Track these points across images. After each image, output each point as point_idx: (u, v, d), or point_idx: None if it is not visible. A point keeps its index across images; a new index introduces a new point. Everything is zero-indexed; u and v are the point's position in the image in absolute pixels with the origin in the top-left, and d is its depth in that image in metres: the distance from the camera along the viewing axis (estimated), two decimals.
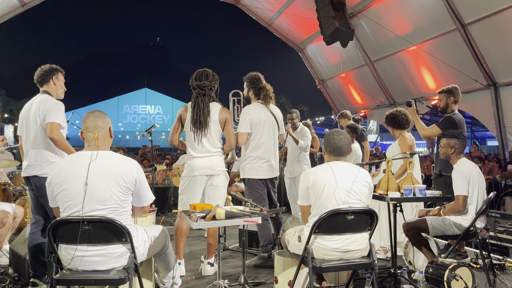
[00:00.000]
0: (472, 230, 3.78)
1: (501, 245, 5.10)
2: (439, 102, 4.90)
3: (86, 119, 2.86)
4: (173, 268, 3.29)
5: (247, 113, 4.50)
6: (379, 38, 12.85)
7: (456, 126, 4.58)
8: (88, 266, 2.66)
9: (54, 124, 3.54)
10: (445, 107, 4.83)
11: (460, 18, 9.98)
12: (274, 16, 15.46)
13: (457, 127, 4.57)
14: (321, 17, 10.94)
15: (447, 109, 4.82)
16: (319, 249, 3.00)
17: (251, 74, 4.66)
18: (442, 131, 4.67)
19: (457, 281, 3.39)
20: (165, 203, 8.31)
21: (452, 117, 4.70)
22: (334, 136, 3.18)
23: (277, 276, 3.64)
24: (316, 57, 16.67)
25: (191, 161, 4.07)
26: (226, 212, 3.05)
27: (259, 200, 4.48)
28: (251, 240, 5.12)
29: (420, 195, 3.66)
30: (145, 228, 3.04)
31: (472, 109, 11.21)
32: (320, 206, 3.02)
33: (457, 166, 3.98)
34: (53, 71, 3.84)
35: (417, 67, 12.39)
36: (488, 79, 10.23)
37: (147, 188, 2.87)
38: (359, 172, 3.12)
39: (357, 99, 16.43)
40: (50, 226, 2.62)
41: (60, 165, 2.76)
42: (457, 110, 4.85)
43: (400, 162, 4.77)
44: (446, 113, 4.83)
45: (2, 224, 4.31)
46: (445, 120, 4.75)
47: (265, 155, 4.54)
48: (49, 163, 3.62)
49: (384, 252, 4.81)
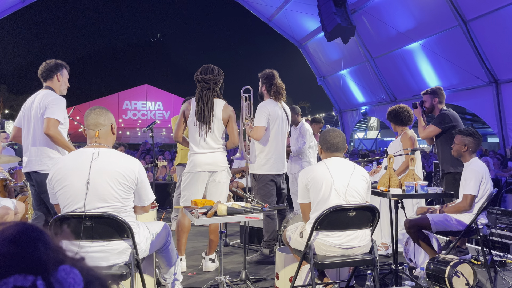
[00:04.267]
0: (474, 226, 3.78)
1: (502, 241, 5.10)
2: (425, 103, 4.97)
3: (88, 116, 2.85)
4: (175, 264, 3.29)
5: (265, 108, 4.50)
6: (380, 34, 12.83)
7: (451, 120, 4.64)
8: (90, 262, 2.65)
9: (51, 120, 3.52)
10: (431, 108, 4.93)
11: (461, 14, 9.96)
12: (275, 11, 15.42)
13: (452, 121, 4.66)
14: (322, 13, 10.92)
15: (433, 110, 4.92)
16: (320, 246, 3.00)
17: (266, 71, 4.71)
18: (438, 128, 4.73)
19: (458, 277, 3.39)
20: (166, 199, 8.32)
21: (445, 113, 4.76)
22: (329, 133, 3.23)
23: (279, 272, 3.65)
24: (317, 53, 16.64)
25: (193, 157, 4.06)
26: (227, 208, 3.05)
27: (268, 196, 4.48)
28: (253, 236, 5.13)
29: (422, 192, 3.65)
30: (146, 224, 3.04)
31: (473, 106, 11.21)
32: (320, 202, 3.03)
33: (470, 165, 3.95)
34: (58, 66, 3.83)
35: (418, 63, 12.38)
36: (490, 76, 10.21)
37: (148, 188, 2.86)
38: (355, 167, 3.15)
39: (358, 96, 16.42)
40: (51, 222, 2.62)
41: (61, 162, 2.76)
42: (445, 107, 4.94)
43: (401, 159, 4.77)
44: (434, 113, 4.92)
45: (4, 220, 4.31)
46: (438, 116, 4.82)
47: (277, 151, 4.56)
48: (49, 159, 3.62)
49: (385, 249, 4.82)
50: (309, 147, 5.94)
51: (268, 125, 4.51)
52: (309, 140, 5.93)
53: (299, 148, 5.89)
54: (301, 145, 5.89)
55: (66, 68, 3.89)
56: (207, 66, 4.13)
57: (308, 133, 5.94)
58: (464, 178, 3.94)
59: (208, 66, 4.13)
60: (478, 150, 4.24)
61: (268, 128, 4.52)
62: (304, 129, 6.00)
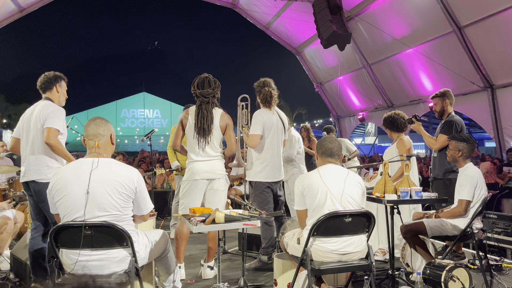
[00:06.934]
0: (469, 231, 3.82)
1: (499, 246, 5.14)
2: (435, 107, 4.98)
3: (88, 127, 2.89)
4: (174, 272, 3.33)
5: (261, 116, 4.56)
6: (376, 41, 12.92)
7: (458, 128, 4.66)
8: (90, 270, 2.69)
9: (51, 130, 3.57)
10: (442, 110, 4.91)
11: (456, 20, 10.04)
12: (271, 19, 15.51)
13: (459, 128, 4.66)
14: (318, 20, 11.01)
15: (444, 112, 4.90)
16: (317, 252, 3.04)
17: (260, 79, 4.78)
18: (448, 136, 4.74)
19: (454, 282, 3.43)
20: (164, 207, 8.34)
21: (452, 120, 4.77)
22: (325, 139, 3.33)
23: (277, 278, 3.68)
24: (313, 60, 16.73)
25: (192, 165, 4.10)
26: (225, 215, 3.09)
27: (264, 203, 4.52)
28: (251, 243, 5.15)
29: (416, 197, 3.70)
30: (145, 233, 3.07)
31: (469, 111, 11.26)
32: (316, 208, 3.08)
33: (465, 170, 4.00)
34: (57, 78, 3.90)
35: (414, 69, 12.45)
36: (485, 81, 10.29)
37: (146, 197, 2.90)
38: (348, 173, 3.20)
39: (355, 102, 16.49)
40: (52, 231, 2.65)
41: (61, 172, 2.80)
42: (453, 112, 4.93)
43: (398, 165, 4.81)
44: (444, 116, 4.90)
45: (3, 230, 4.34)
46: (445, 124, 4.81)
47: (273, 159, 4.60)
48: (48, 168, 3.65)
49: (382, 254, 4.85)
50: (297, 153, 5.93)
51: (264, 133, 4.55)
52: (296, 147, 5.91)
53: (289, 155, 5.87)
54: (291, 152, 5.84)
55: (64, 80, 3.97)
56: (203, 78, 4.15)
57: (294, 139, 5.92)
58: (459, 184, 3.99)
59: (205, 78, 4.15)
60: (475, 155, 4.29)
61: (264, 136, 4.56)
62: (290, 136, 5.99)
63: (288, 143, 5.76)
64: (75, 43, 67.09)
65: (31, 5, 13.05)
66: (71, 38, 64.83)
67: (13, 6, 12.59)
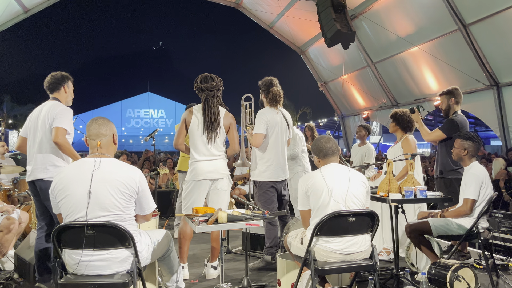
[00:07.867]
0: (475, 230, 3.78)
1: (505, 245, 5.09)
2: (441, 105, 4.92)
3: (90, 126, 2.89)
4: (177, 272, 3.31)
5: (264, 115, 4.55)
6: (381, 39, 12.87)
7: (458, 128, 4.58)
8: (92, 270, 2.68)
9: (60, 129, 3.61)
10: (447, 109, 4.85)
11: (461, 18, 9.99)
12: (275, 19, 15.50)
13: (460, 129, 4.58)
14: (322, 19, 10.97)
15: (450, 110, 4.84)
16: (321, 251, 3.02)
17: (266, 78, 4.76)
18: (445, 134, 4.69)
19: (460, 282, 3.39)
20: (168, 207, 8.34)
21: (454, 119, 4.70)
22: (320, 141, 3.28)
23: (280, 278, 3.66)
24: (318, 59, 16.70)
25: (195, 165, 4.09)
26: (228, 215, 3.07)
27: (268, 202, 4.51)
28: (254, 243, 5.14)
29: (421, 196, 3.66)
30: (148, 233, 3.07)
31: (475, 109, 11.19)
32: (320, 208, 3.06)
33: (470, 169, 3.96)
34: (64, 79, 3.94)
35: (419, 68, 12.39)
36: (491, 79, 10.22)
37: (149, 196, 2.90)
38: (351, 172, 3.18)
39: (360, 101, 16.44)
40: (54, 231, 2.65)
41: (63, 172, 2.80)
42: (460, 111, 4.85)
43: (402, 164, 4.78)
44: (449, 114, 4.85)
45: (9, 230, 4.36)
46: (447, 122, 4.76)
47: (277, 158, 4.58)
48: (55, 167, 3.69)
49: (387, 254, 4.82)
50: (302, 151, 5.92)
51: (267, 132, 4.54)
52: (300, 145, 5.90)
53: (295, 153, 5.86)
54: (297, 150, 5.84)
55: (71, 80, 4.01)
56: (205, 75, 4.20)
57: (298, 137, 5.90)
58: (465, 183, 3.95)
59: (206, 75, 4.20)
60: (481, 154, 4.25)
61: (267, 135, 4.55)
62: (294, 134, 5.97)
63: (293, 141, 5.74)
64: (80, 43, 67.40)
65: (36, 5, 13.12)
66: (75, 38, 65.11)
67: (18, 7, 12.65)
